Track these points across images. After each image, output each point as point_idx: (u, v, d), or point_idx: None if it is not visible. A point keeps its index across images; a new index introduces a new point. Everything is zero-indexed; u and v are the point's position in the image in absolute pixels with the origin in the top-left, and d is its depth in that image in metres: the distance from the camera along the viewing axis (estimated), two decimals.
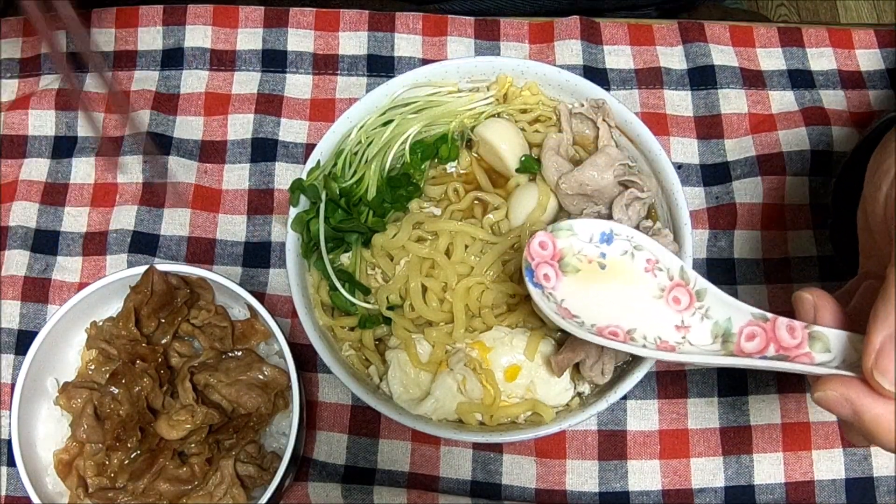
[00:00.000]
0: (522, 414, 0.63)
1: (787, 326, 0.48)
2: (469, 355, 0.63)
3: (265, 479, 0.62)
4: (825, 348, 0.47)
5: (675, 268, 0.54)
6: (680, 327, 0.52)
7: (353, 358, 0.66)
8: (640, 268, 0.55)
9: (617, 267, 0.55)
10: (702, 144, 0.79)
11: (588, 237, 0.56)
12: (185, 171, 0.78)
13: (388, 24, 0.84)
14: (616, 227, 0.56)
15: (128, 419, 0.62)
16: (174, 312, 0.66)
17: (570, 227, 0.56)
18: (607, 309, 0.54)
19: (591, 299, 0.54)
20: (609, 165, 0.65)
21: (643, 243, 0.55)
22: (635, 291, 0.54)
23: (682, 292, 0.53)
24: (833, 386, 0.44)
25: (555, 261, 0.55)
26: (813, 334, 0.47)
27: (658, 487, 0.70)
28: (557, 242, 0.56)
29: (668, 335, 0.52)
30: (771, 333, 0.49)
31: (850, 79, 0.82)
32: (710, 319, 0.52)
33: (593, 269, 0.55)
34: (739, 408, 0.71)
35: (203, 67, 0.82)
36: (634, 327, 0.53)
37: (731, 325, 0.51)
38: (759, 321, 0.50)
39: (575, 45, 0.82)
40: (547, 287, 0.55)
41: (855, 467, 0.70)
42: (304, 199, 0.66)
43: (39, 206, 0.77)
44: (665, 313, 0.53)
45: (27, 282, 0.75)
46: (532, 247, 0.55)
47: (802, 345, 0.47)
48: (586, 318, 0.54)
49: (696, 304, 0.53)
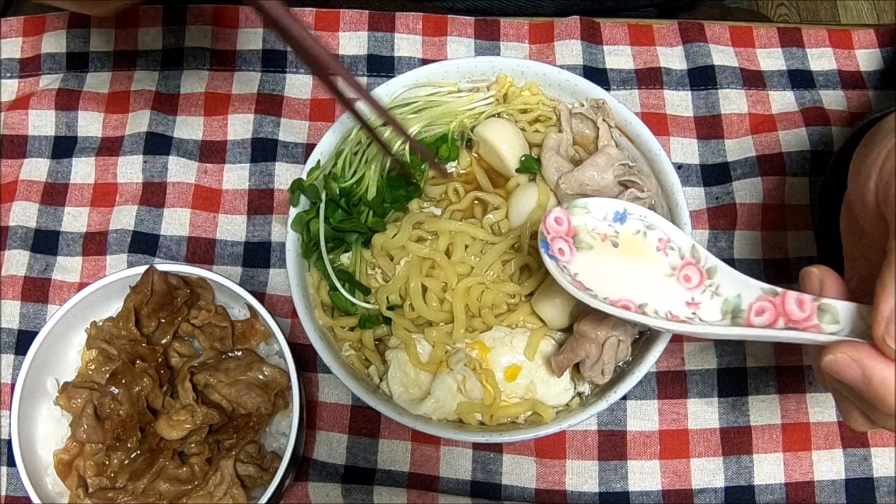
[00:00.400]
0: (522, 414, 0.63)
1: (797, 300, 0.49)
2: (469, 355, 0.63)
3: (265, 479, 0.62)
4: (834, 319, 0.48)
5: (686, 246, 0.56)
6: (690, 304, 0.54)
7: (353, 358, 0.66)
8: (651, 246, 0.56)
9: (629, 245, 0.57)
10: (702, 144, 0.79)
11: (602, 215, 0.57)
12: (185, 171, 0.78)
13: (388, 24, 0.84)
14: (630, 207, 0.57)
15: (128, 419, 0.62)
16: (174, 312, 0.66)
17: (585, 205, 0.57)
18: (620, 284, 0.55)
19: (605, 275, 0.56)
20: (609, 165, 0.65)
21: (655, 223, 0.57)
22: (647, 269, 0.56)
23: (693, 270, 0.55)
24: (843, 349, 0.45)
25: (569, 237, 0.57)
26: (822, 307, 0.48)
27: (658, 488, 0.70)
28: (572, 219, 0.57)
29: (679, 311, 0.54)
30: (780, 308, 0.50)
31: (850, 79, 0.82)
32: (719, 296, 0.53)
33: (606, 246, 0.57)
34: (739, 408, 0.71)
35: (203, 67, 0.82)
36: (646, 302, 0.54)
37: (740, 301, 0.52)
38: (769, 296, 0.51)
39: (575, 45, 0.82)
40: (562, 260, 0.56)
41: (855, 468, 0.70)
42: (304, 199, 0.66)
43: (39, 206, 0.77)
44: (676, 290, 0.55)
45: (27, 282, 0.75)
46: (548, 221, 0.57)
47: (811, 317, 0.48)
48: (599, 291, 0.55)
49: (707, 281, 0.54)
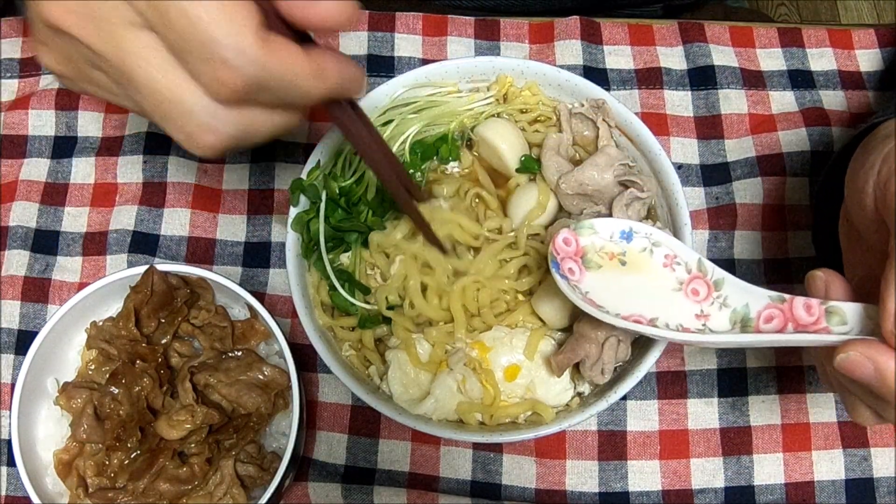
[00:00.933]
0: (522, 414, 0.63)
1: (805, 305, 0.50)
2: (469, 355, 0.63)
3: (265, 479, 0.62)
4: (842, 321, 0.49)
5: (692, 261, 0.57)
6: (700, 316, 0.55)
7: (352, 358, 0.66)
8: (658, 263, 0.57)
9: (637, 262, 0.58)
10: (702, 145, 0.79)
11: (609, 235, 0.58)
12: (185, 171, 0.78)
13: (389, 24, 0.84)
14: (635, 226, 0.58)
15: (128, 419, 0.62)
16: (174, 312, 0.66)
17: (592, 226, 0.58)
18: (630, 300, 0.56)
19: (614, 292, 0.57)
20: (609, 165, 0.65)
21: (661, 240, 0.58)
22: (655, 284, 0.57)
23: (701, 284, 0.56)
24: (855, 347, 0.46)
25: (578, 257, 0.58)
26: (829, 309, 0.49)
27: (658, 488, 0.70)
28: (580, 240, 0.58)
29: (689, 324, 0.55)
30: (789, 314, 0.51)
31: (850, 79, 0.82)
32: (728, 307, 0.54)
33: (615, 264, 0.58)
34: (739, 408, 0.71)
35: None
36: (657, 316, 0.55)
37: (748, 310, 0.53)
38: (777, 303, 0.52)
39: (575, 45, 0.82)
40: (572, 280, 0.57)
41: (855, 468, 0.70)
42: (304, 198, 0.66)
43: (39, 206, 0.77)
44: (685, 304, 0.56)
45: (27, 282, 0.75)
46: (557, 243, 0.58)
47: (820, 321, 0.49)
48: (610, 308, 0.56)
49: (714, 293, 0.55)
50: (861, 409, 0.51)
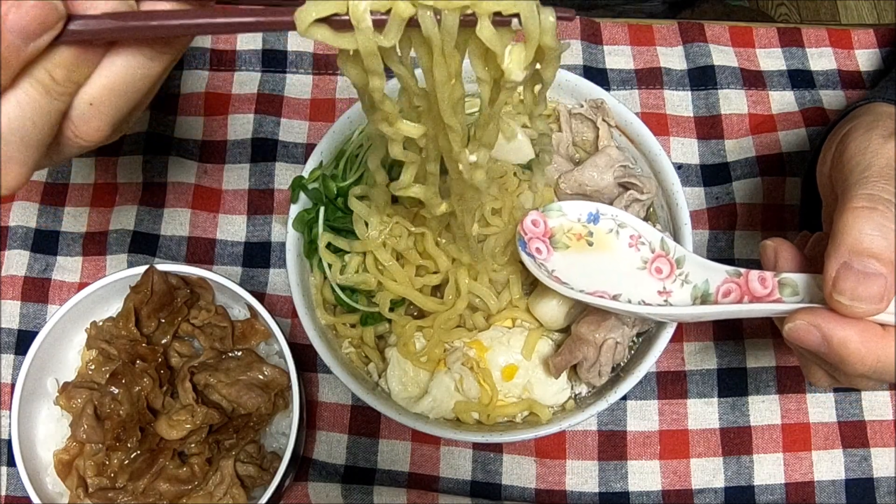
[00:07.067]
0: (519, 414, 0.63)
1: (759, 278, 0.53)
2: (466, 354, 0.63)
3: (265, 479, 0.62)
4: (794, 292, 0.51)
5: (656, 241, 0.59)
6: (662, 292, 0.58)
7: (352, 354, 0.66)
8: (624, 243, 0.60)
9: (603, 243, 0.61)
10: (702, 145, 0.79)
11: (577, 217, 0.61)
12: (185, 171, 0.78)
13: None
14: (602, 208, 0.61)
15: (128, 419, 0.62)
16: (174, 312, 0.66)
17: (560, 208, 0.61)
18: (595, 278, 0.59)
19: (581, 270, 0.59)
20: (609, 166, 0.65)
21: (627, 221, 0.60)
22: (621, 263, 0.60)
23: (664, 262, 0.58)
24: (802, 315, 0.47)
25: (546, 237, 0.61)
26: (782, 281, 0.52)
27: (658, 488, 0.70)
28: (549, 222, 0.61)
29: (651, 299, 0.57)
30: (745, 287, 0.53)
31: (850, 79, 0.82)
32: (689, 283, 0.57)
33: (582, 245, 0.61)
34: (739, 408, 0.71)
35: (203, 67, 0.82)
36: (620, 293, 0.58)
37: (708, 286, 0.56)
38: (734, 277, 0.54)
39: (575, 45, 0.82)
40: (539, 258, 0.59)
41: (855, 468, 0.70)
42: (304, 197, 0.66)
43: (39, 206, 0.77)
44: (649, 282, 0.58)
45: (27, 282, 0.75)
46: (525, 224, 0.60)
47: (773, 293, 0.52)
48: (575, 284, 0.58)
49: (677, 271, 0.58)
50: (817, 373, 0.53)
